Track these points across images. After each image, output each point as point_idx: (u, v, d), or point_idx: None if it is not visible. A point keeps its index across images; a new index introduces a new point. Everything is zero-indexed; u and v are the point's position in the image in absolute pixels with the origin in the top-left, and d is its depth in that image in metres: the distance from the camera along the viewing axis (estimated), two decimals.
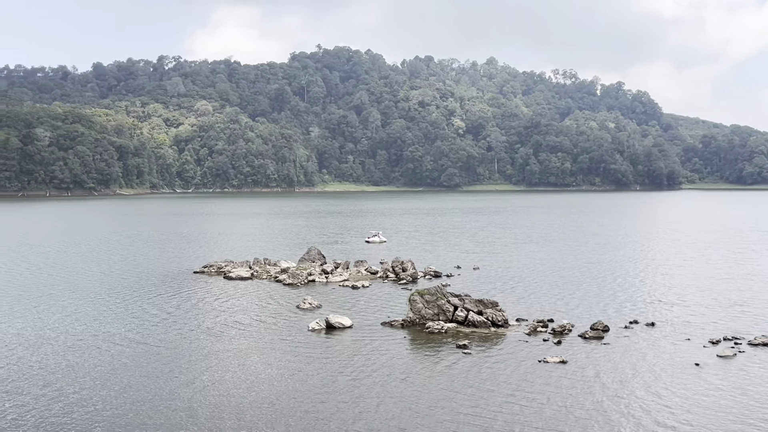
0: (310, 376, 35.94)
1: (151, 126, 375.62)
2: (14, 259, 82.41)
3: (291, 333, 45.20)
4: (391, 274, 67.24)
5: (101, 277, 68.27)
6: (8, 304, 54.45)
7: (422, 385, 34.65)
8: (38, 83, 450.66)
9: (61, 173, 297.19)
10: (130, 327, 46.65)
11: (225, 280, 66.22)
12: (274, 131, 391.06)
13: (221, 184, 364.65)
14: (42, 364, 37.94)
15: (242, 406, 31.58)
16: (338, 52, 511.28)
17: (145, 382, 34.82)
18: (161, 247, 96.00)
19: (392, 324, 47.44)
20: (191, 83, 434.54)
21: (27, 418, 29.98)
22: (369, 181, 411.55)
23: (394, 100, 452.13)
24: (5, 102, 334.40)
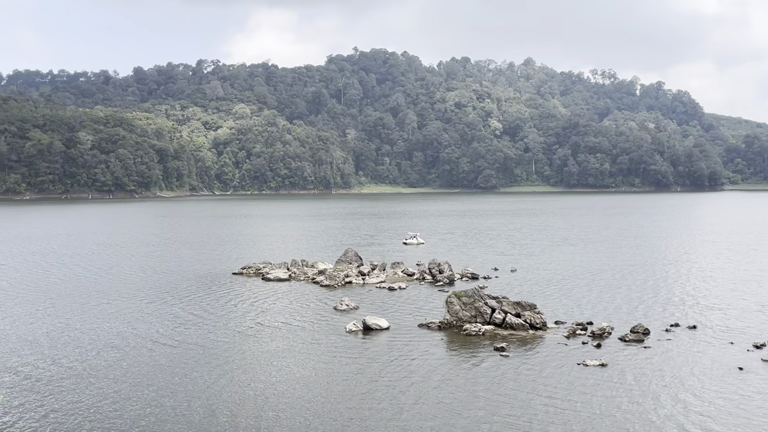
0: (347, 378, 36.04)
1: (191, 129, 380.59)
2: (56, 260, 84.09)
3: (328, 334, 45.38)
4: (427, 275, 67.14)
5: (141, 279, 69.29)
6: (49, 304, 55.57)
7: (459, 387, 34.51)
8: (81, 88, 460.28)
9: (103, 176, 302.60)
10: (168, 328, 47.26)
11: (263, 282, 66.74)
12: (311, 134, 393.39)
13: (259, 187, 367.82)
14: (82, 364, 38.61)
15: (279, 407, 31.78)
16: (374, 54, 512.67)
17: (183, 382, 35.23)
18: (200, 248, 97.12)
19: (429, 326, 47.35)
20: (230, 87, 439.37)
21: (67, 418, 30.53)
22: (405, 183, 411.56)
23: (430, 102, 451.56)
24: (49, 106, 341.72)
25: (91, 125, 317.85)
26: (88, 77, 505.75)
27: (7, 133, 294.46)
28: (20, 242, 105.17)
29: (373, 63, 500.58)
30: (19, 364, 38.65)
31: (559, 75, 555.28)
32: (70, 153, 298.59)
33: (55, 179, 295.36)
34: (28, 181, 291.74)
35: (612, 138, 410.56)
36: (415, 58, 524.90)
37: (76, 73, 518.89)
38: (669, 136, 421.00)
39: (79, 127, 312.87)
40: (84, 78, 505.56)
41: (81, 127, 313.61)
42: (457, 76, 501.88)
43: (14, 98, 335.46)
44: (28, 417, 30.57)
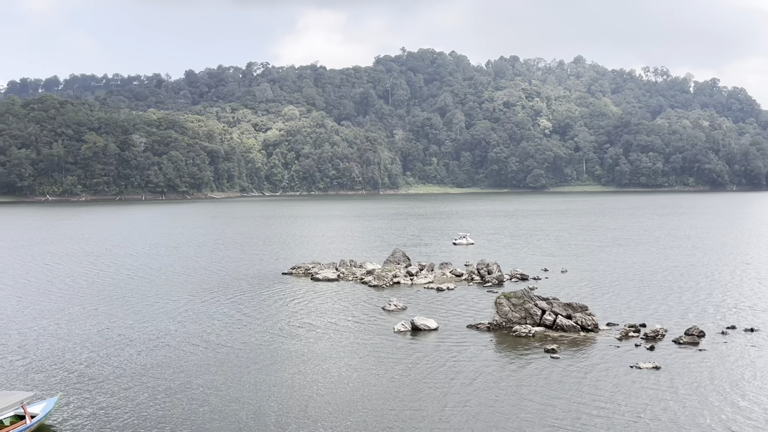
0: (394, 378, 36.02)
1: (241, 131, 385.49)
2: (109, 260, 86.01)
3: (377, 334, 45.44)
4: (476, 276, 66.75)
5: (192, 279, 70.41)
6: (102, 304, 56.85)
7: (509, 389, 34.20)
8: (134, 91, 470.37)
9: (156, 177, 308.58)
10: (218, 328, 47.89)
11: (312, 282, 67.19)
12: (359, 134, 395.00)
13: (308, 187, 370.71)
14: (133, 363, 39.38)
15: (326, 408, 31.92)
16: (422, 54, 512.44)
17: (232, 382, 35.64)
18: (250, 248, 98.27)
19: (478, 327, 47.05)
20: (279, 89, 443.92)
21: (121, 415, 31.16)
22: (453, 183, 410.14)
23: (478, 101, 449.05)
24: (104, 110, 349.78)
25: (144, 128, 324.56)
26: (141, 81, 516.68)
27: (64, 136, 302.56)
28: (75, 242, 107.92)
29: (421, 63, 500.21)
30: (74, 362, 39.62)
31: (610, 73, 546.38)
32: (124, 155, 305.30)
33: (109, 181, 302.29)
34: (83, 183, 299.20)
35: (665, 136, 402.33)
36: (463, 58, 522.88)
37: (130, 77, 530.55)
38: (724, 134, 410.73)
39: (132, 129, 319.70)
40: (137, 81, 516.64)
41: (134, 129, 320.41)
42: (506, 75, 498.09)
43: (71, 102, 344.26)
44: (83, 414, 31.30)
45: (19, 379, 36.58)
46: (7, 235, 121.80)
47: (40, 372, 37.73)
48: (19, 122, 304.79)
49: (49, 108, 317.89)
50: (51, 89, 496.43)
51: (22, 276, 72.94)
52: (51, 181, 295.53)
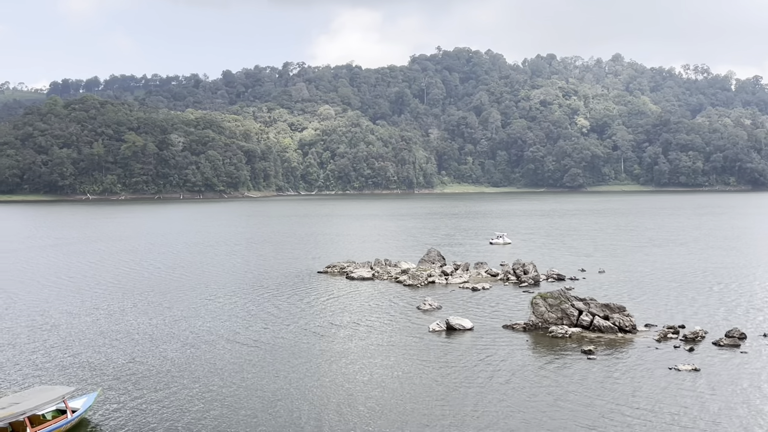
0: (430, 377, 35.96)
1: (277, 131, 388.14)
2: (148, 258, 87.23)
3: (412, 334, 45.41)
4: (512, 276, 66.32)
5: (228, 277, 71.07)
6: (138, 301, 57.69)
7: (546, 389, 33.92)
8: (173, 91, 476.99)
9: (194, 176, 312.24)
10: (254, 325, 48.27)
11: (347, 280, 67.39)
12: (394, 134, 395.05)
13: (343, 187, 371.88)
14: (167, 360, 39.88)
15: (361, 407, 31.98)
16: (458, 53, 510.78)
17: (268, 381, 35.89)
18: (286, 247, 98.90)
19: (514, 327, 46.75)
20: (315, 88, 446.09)
21: (152, 412, 31.57)
22: (489, 183, 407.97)
23: (514, 100, 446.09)
24: (143, 110, 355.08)
25: (182, 127, 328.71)
26: (179, 81, 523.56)
27: (104, 136, 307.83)
28: (115, 241, 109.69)
29: (457, 62, 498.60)
30: (113, 358, 40.27)
31: (648, 71, 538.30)
32: (163, 154, 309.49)
33: (148, 180, 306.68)
34: (123, 182, 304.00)
35: (705, 135, 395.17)
36: (499, 56, 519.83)
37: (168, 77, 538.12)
38: (767, 133, 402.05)
39: (171, 129, 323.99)
40: (176, 82, 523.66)
41: (173, 129, 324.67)
42: (543, 74, 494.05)
43: (111, 102, 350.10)
44: (123, 409, 31.81)
45: (60, 374, 37.30)
46: (50, 234, 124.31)
47: (80, 367, 38.44)
48: (61, 122, 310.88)
49: (89, 108, 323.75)
50: (92, 90, 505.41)
51: (63, 273, 74.37)
52: (91, 180, 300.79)
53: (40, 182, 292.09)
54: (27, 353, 41.41)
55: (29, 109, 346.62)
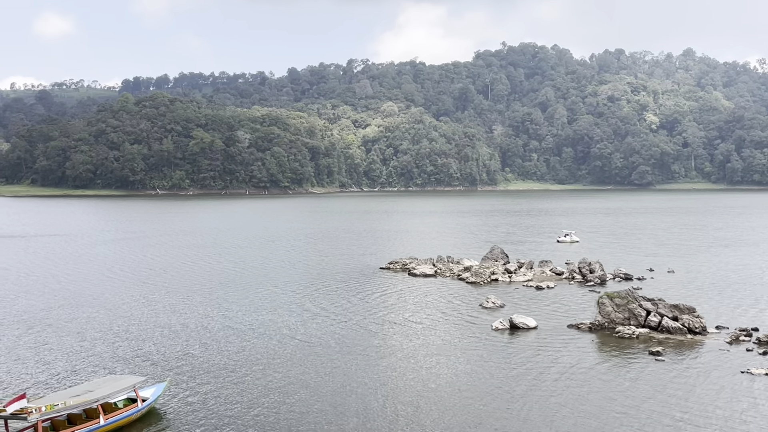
0: (494, 376, 35.65)
1: (341, 127, 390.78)
2: (212, 252, 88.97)
3: (474, 332, 45.13)
4: (577, 275, 65.23)
5: (292, 271, 71.89)
6: (202, 294, 58.86)
7: (611, 390, 33.23)
8: (239, 88, 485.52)
9: (259, 173, 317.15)
10: (314, 321, 48.70)
11: (409, 277, 67.40)
12: (458, 130, 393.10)
13: (405, 183, 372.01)
14: (231, 353, 40.53)
15: (422, 404, 31.91)
16: (523, 48, 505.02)
17: (333, 377, 36.13)
18: (348, 243, 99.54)
19: (579, 327, 45.97)
20: (378, 85, 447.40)
21: (217, 403, 32.16)
22: (554, 180, 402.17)
23: (581, 96, 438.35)
24: (211, 107, 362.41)
25: (248, 124, 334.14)
26: (246, 78, 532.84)
27: (173, 132, 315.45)
28: (181, 235, 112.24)
29: (522, 57, 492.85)
30: (178, 350, 41.21)
31: (721, 65, 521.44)
32: (230, 151, 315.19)
33: (215, 176, 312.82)
34: (191, 178, 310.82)
35: None
36: (565, 51, 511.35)
37: (236, 75, 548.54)
38: None
39: (237, 126, 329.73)
40: (242, 79, 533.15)
41: (239, 126, 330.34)
42: (610, 69, 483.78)
43: (180, 99, 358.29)
44: (190, 400, 32.53)
45: (129, 364, 38.38)
46: (121, 227, 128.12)
47: (145, 358, 39.45)
48: (132, 119, 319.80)
49: (159, 105, 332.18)
50: (162, 87, 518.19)
51: (130, 266, 76.52)
52: (161, 176, 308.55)
53: (112, 177, 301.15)
54: (95, 343, 42.73)
55: (102, 107, 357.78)
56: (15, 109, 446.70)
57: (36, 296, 58.35)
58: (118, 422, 29.41)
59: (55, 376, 35.94)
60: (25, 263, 78.89)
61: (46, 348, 41.55)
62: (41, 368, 37.46)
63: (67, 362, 38.57)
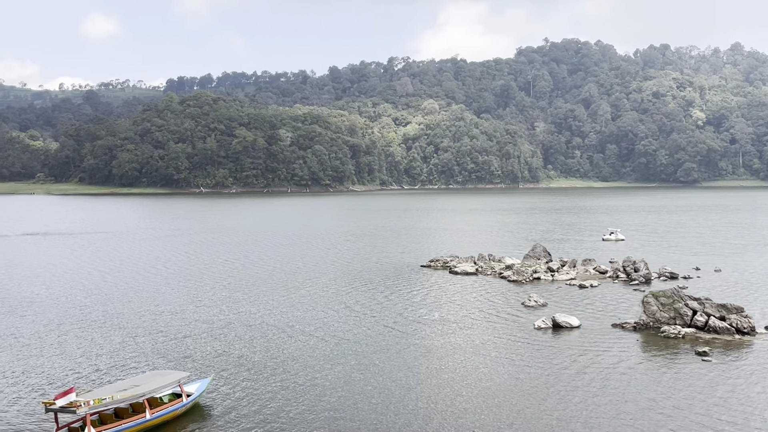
0: (536, 375, 35.35)
1: (381, 125, 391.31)
2: (255, 249, 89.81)
3: (516, 330, 44.80)
4: (621, 274, 64.32)
5: (333, 269, 72.19)
6: (243, 291, 59.43)
7: (656, 391, 32.68)
8: (281, 87, 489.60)
9: (301, 171, 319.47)
10: (355, 318, 48.83)
11: (450, 275, 67.20)
12: (499, 127, 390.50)
13: (446, 181, 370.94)
14: (273, 350, 40.85)
15: (463, 403, 31.79)
16: (566, 44, 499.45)
17: (363, 374, 36.17)
18: (389, 240, 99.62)
19: (623, 326, 45.32)
20: (419, 83, 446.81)
21: (262, 399, 32.44)
22: (597, 177, 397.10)
23: (625, 92, 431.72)
24: (253, 106, 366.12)
25: (290, 123, 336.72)
26: (287, 77, 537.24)
27: (216, 131, 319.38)
28: (223, 232, 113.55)
29: (565, 54, 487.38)
30: (221, 346, 41.69)
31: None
32: (272, 149, 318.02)
33: (258, 174, 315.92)
34: (234, 176, 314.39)
35: None
36: (609, 47, 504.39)
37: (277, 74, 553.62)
38: None
39: (279, 124, 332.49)
40: (284, 78, 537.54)
41: (281, 124, 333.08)
42: (655, 64, 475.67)
43: (223, 99, 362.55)
44: (233, 396, 32.91)
45: (172, 360, 38.94)
46: (165, 225, 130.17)
47: (189, 354, 39.97)
48: (177, 118, 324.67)
49: (203, 104, 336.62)
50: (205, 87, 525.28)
51: (173, 263, 77.69)
52: (204, 174, 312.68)
53: (157, 176, 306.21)
54: (139, 339, 43.47)
55: (147, 106, 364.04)
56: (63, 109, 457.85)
57: (82, 292, 59.61)
58: (164, 417, 29.90)
59: (100, 371, 36.66)
60: (72, 260, 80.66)
61: (91, 343, 42.42)
62: (86, 363, 38.25)
63: (111, 357, 39.33)
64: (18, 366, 37.68)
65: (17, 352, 40.54)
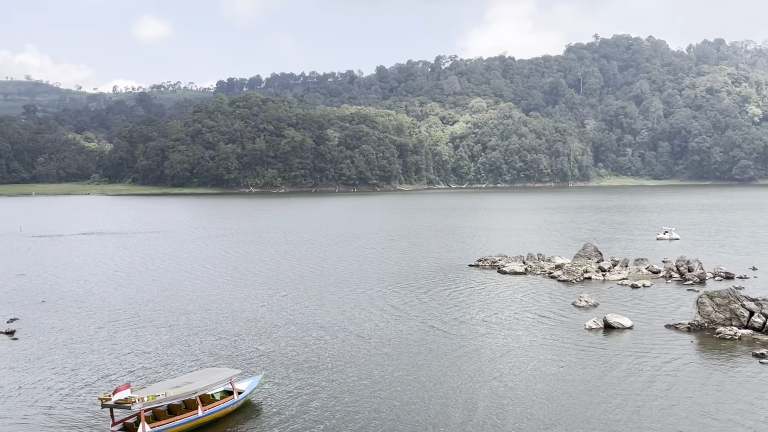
0: (587, 377, 34.82)
1: (428, 124, 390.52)
2: (302, 248, 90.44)
3: (566, 331, 44.23)
4: (675, 273, 63.00)
5: (380, 268, 72.26)
6: (290, 290, 59.84)
7: (713, 394, 31.90)
8: (329, 88, 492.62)
9: (348, 170, 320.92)
10: (402, 319, 48.78)
11: (499, 275, 66.69)
12: (548, 125, 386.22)
13: (494, 180, 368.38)
14: (322, 349, 41.04)
15: (512, 404, 31.51)
16: (616, 40, 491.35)
17: (411, 374, 36.08)
18: (437, 240, 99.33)
19: (677, 327, 44.38)
20: (466, 81, 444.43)
21: (311, 398, 32.63)
22: (649, 175, 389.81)
23: (678, 88, 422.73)
24: (301, 106, 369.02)
25: (338, 123, 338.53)
26: (335, 77, 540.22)
27: (265, 132, 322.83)
28: (271, 232, 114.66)
29: (615, 50, 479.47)
30: (269, 345, 42.05)
31: None
32: (320, 149, 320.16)
33: (306, 174, 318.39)
34: (283, 176, 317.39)
35: None
36: (661, 43, 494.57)
37: (325, 74, 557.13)
38: None
39: (327, 124, 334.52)
40: (332, 78, 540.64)
41: (329, 124, 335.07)
42: (709, 60, 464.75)
43: (272, 99, 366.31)
44: (283, 394, 33.18)
45: (220, 357, 39.45)
46: (214, 224, 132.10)
47: (237, 352, 40.40)
48: (227, 119, 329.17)
49: (252, 105, 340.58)
50: (254, 88, 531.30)
51: (221, 262, 78.75)
52: (254, 174, 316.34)
53: (207, 176, 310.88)
54: (186, 336, 44.13)
55: (198, 107, 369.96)
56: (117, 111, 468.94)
57: (132, 290, 60.84)
58: (216, 414, 30.31)
59: (149, 369, 37.28)
60: (124, 259, 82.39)
61: (141, 341, 43.21)
62: (136, 360, 38.97)
63: (160, 355, 39.98)
64: (70, 362, 38.62)
65: (69, 349, 41.55)
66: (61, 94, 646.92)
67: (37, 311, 52.27)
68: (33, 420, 30.14)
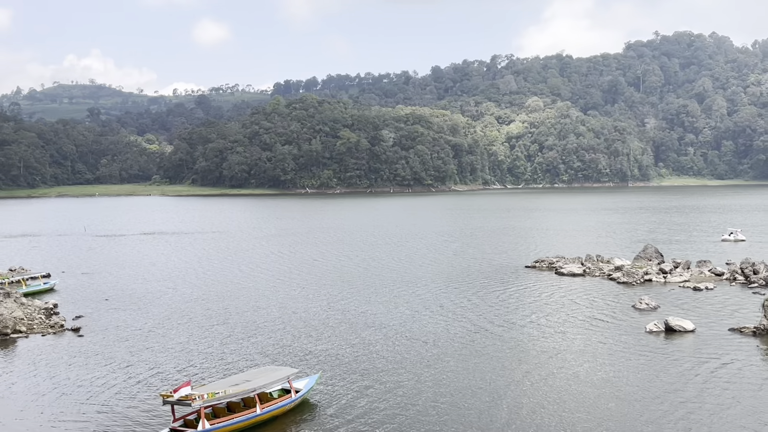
0: (648, 381, 34.07)
1: (484, 124, 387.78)
2: (357, 250, 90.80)
3: (626, 333, 43.40)
4: (739, 276, 61.22)
5: (436, 269, 72.11)
6: (342, 291, 60.09)
7: None
8: (384, 88, 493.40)
9: (403, 171, 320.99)
10: (459, 319, 48.56)
11: (556, 276, 65.87)
12: (607, 124, 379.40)
13: (551, 180, 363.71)
14: (376, 349, 41.14)
15: (570, 407, 31.06)
16: (677, 37, 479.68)
17: (465, 376, 35.86)
18: (492, 240, 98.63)
19: (742, 331, 43.12)
20: (523, 80, 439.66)
21: (368, 398, 32.71)
22: (712, 175, 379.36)
23: (742, 86, 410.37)
24: (357, 107, 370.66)
25: (392, 123, 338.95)
26: (390, 78, 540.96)
27: (321, 133, 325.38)
28: (327, 232, 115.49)
29: (676, 47, 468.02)
30: (324, 344, 42.35)
31: None
32: (375, 150, 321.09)
33: (361, 174, 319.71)
34: (338, 177, 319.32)
35: None
36: (724, 39, 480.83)
37: (380, 75, 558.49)
38: None
39: (382, 125, 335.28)
40: (387, 79, 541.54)
41: (384, 125, 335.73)
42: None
43: (328, 101, 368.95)
44: (341, 393, 33.41)
45: (275, 356, 39.87)
46: (271, 224, 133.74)
47: (292, 351, 40.75)
48: (283, 121, 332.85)
49: (308, 107, 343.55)
50: (310, 89, 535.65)
51: (277, 262, 79.65)
52: (310, 175, 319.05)
53: (264, 177, 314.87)
54: (242, 335, 44.70)
55: (255, 109, 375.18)
56: (177, 114, 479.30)
57: (189, 289, 62.00)
58: (273, 412, 30.69)
59: (204, 367, 37.91)
60: (181, 258, 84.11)
61: (197, 339, 43.95)
62: (192, 358, 39.66)
63: (216, 353, 40.58)
64: (128, 359, 39.55)
65: (127, 346, 42.55)
66: (124, 97, 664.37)
67: (101, 309, 53.74)
68: (90, 417, 30.95)
